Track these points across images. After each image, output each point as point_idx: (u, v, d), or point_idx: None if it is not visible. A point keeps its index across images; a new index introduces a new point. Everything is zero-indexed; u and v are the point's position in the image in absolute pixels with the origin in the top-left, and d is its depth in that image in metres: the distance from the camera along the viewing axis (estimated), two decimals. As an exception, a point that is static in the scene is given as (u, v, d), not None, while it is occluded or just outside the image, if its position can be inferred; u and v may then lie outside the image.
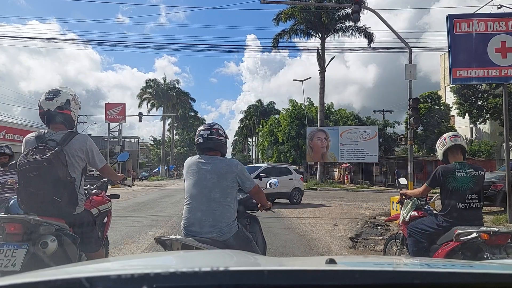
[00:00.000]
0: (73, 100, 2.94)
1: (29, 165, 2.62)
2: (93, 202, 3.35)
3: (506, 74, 9.29)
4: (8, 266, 2.43)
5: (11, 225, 2.56)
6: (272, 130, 38.27)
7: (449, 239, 3.21)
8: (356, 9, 12.66)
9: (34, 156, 2.64)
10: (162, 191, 23.33)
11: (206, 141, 2.85)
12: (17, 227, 2.55)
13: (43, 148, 2.70)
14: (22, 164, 2.65)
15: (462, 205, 3.33)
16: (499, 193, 10.66)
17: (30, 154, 2.67)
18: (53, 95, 2.88)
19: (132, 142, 59.67)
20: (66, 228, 2.72)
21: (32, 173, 2.61)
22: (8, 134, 28.63)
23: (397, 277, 0.85)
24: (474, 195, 3.34)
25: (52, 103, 2.85)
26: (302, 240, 7.48)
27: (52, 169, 2.63)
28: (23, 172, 2.64)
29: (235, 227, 2.79)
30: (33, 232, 2.55)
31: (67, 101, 2.89)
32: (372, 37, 28.57)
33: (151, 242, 6.59)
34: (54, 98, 2.86)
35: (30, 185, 2.64)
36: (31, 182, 2.63)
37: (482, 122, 29.03)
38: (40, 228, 2.56)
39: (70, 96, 2.94)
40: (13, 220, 2.58)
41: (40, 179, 2.62)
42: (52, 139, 2.82)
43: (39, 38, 57.76)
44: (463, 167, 3.41)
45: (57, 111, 2.85)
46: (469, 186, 3.34)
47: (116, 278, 0.79)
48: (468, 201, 3.33)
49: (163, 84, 52.50)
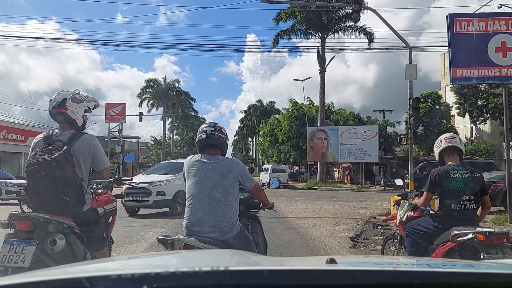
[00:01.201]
0: (70, 99, 2.97)
1: (37, 165, 2.69)
2: (99, 202, 3.38)
3: (507, 73, 9.29)
4: (18, 262, 2.48)
5: (22, 222, 2.62)
6: (273, 130, 38.28)
7: (446, 239, 3.22)
8: (356, 9, 12.65)
9: (42, 157, 2.70)
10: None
11: (209, 137, 2.86)
12: (27, 224, 2.61)
13: (51, 149, 2.77)
14: (31, 164, 2.71)
15: (457, 206, 3.33)
16: (499, 192, 10.66)
17: (38, 154, 2.74)
18: (54, 96, 3.00)
19: (133, 142, 59.64)
20: (74, 227, 2.78)
21: (40, 173, 2.68)
22: (8, 133, 28.65)
23: (397, 277, 0.85)
24: (470, 196, 3.34)
25: (51, 103, 2.97)
26: (302, 240, 7.48)
27: (60, 169, 2.68)
28: (32, 172, 2.71)
29: (237, 227, 2.79)
30: (42, 230, 2.61)
31: (63, 100, 2.95)
32: (373, 37, 28.59)
33: (152, 242, 6.59)
34: (53, 98, 2.98)
35: (39, 185, 2.70)
36: (39, 182, 2.69)
37: (483, 122, 29.01)
38: (49, 226, 2.62)
39: (67, 95, 2.99)
40: (23, 218, 2.64)
41: (48, 179, 2.68)
42: (59, 139, 2.89)
43: (39, 38, 57.95)
44: (458, 169, 3.40)
45: (54, 110, 2.95)
46: (464, 187, 3.33)
47: (116, 278, 0.79)
48: (463, 202, 3.32)
49: (163, 83, 52.45)
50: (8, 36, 28.93)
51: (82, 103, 3.05)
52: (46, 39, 35.25)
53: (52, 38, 58.09)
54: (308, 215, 11.58)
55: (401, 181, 4.80)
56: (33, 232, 2.60)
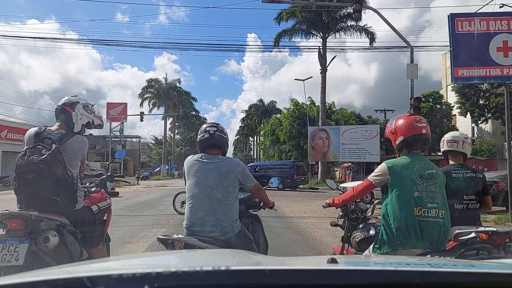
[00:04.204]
0: (81, 105, 3.05)
1: (26, 167, 2.66)
2: (92, 199, 3.38)
3: (508, 73, 9.27)
4: (11, 261, 2.47)
5: (13, 221, 2.61)
6: (274, 129, 38.27)
7: (448, 239, 3.22)
8: (358, 9, 12.64)
9: (31, 157, 2.67)
10: (163, 191, 23.34)
11: (211, 137, 2.87)
12: (18, 223, 2.60)
13: (40, 148, 2.74)
14: (20, 165, 2.69)
15: (460, 206, 3.34)
16: (501, 192, 10.64)
17: (27, 155, 2.70)
18: (72, 96, 3.10)
19: (134, 142, 59.79)
20: (67, 224, 2.76)
21: (29, 175, 2.65)
22: (10, 133, 28.71)
23: (398, 277, 0.85)
24: (472, 196, 3.35)
25: (64, 100, 3.05)
26: (303, 240, 7.48)
27: (49, 170, 2.66)
28: (21, 173, 2.68)
29: (238, 226, 2.79)
30: (34, 228, 2.60)
31: (76, 102, 3.04)
32: (374, 36, 28.53)
33: (153, 242, 6.60)
34: (69, 97, 3.06)
35: (28, 186, 2.68)
36: (29, 183, 2.67)
37: (484, 122, 28.96)
38: (41, 223, 2.61)
39: (82, 101, 3.08)
40: (14, 216, 2.62)
41: (38, 180, 2.66)
42: (49, 137, 2.86)
43: (39, 37, 58.03)
44: (459, 169, 3.42)
45: (62, 106, 3.00)
46: (467, 187, 3.35)
47: (117, 278, 0.79)
48: (466, 202, 3.35)
49: (165, 83, 52.51)
50: (8, 36, 28.92)
51: (90, 114, 3.11)
52: (46, 39, 35.33)
53: (52, 38, 58.17)
54: (309, 214, 11.57)
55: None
56: (25, 230, 2.59)
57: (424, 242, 2.39)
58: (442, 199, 2.49)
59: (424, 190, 2.44)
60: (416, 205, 2.41)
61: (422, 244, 2.39)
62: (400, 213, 2.43)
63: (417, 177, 2.46)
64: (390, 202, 2.49)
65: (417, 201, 2.41)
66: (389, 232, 2.46)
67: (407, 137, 2.60)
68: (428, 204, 2.42)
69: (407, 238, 2.40)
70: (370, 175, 2.73)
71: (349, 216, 3.43)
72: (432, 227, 2.41)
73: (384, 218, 2.52)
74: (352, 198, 2.94)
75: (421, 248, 2.39)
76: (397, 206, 2.44)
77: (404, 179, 2.47)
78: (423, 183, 2.45)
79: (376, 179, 2.62)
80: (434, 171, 2.54)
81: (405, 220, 2.40)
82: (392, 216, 2.45)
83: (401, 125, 2.66)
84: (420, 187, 2.44)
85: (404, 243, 2.40)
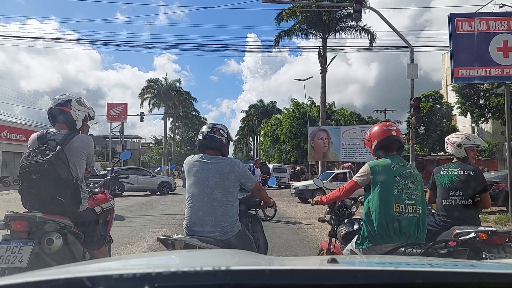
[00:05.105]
0: (75, 101, 3.04)
1: (30, 167, 2.67)
2: (96, 200, 3.38)
3: (508, 73, 9.27)
4: (15, 263, 2.47)
5: (17, 222, 2.61)
6: (274, 129, 38.27)
7: (447, 238, 3.23)
8: (358, 9, 12.63)
9: (36, 158, 2.68)
10: (163, 191, 23.31)
11: (205, 138, 2.88)
12: (23, 225, 2.60)
13: (44, 149, 2.74)
14: (24, 166, 2.69)
15: (447, 202, 3.43)
16: (501, 192, 10.64)
17: (31, 155, 2.71)
18: (58, 96, 3.05)
19: (134, 142, 59.76)
20: (71, 226, 2.76)
21: (34, 175, 2.66)
22: (10, 133, 28.71)
23: (399, 277, 0.85)
24: (459, 192, 3.41)
25: (55, 101, 2.99)
26: (303, 240, 7.48)
27: (54, 170, 2.67)
28: (25, 174, 2.69)
29: (238, 226, 2.79)
30: (38, 229, 2.59)
31: (69, 100, 3.01)
32: (374, 36, 28.48)
33: (153, 242, 6.60)
34: (57, 97, 3.02)
35: (33, 187, 2.69)
36: (33, 184, 2.67)
37: (484, 122, 28.94)
38: (45, 225, 2.61)
39: (73, 97, 3.06)
40: (19, 218, 2.63)
41: (42, 181, 2.66)
42: (52, 139, 2.86)
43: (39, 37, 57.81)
44: (450, 166, 3.57)
45: (57, 107, 2.97)
46: (452, 183, 3.45)
47: (118, 278, 0.79)
48: (453, 198, 3.42)
49: (165, 83, 52.46)
50: (8, 36, 28.88)
51: (84, 107, 3.11)
52: (46, 39, 35.25)
53: (52, 38, 57.84)
54: (309, 214, 11.57)
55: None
56: (29, 232, 2.59)
57: (402, 237, 2.58)
58: (420, 195, 2.70)
59: (403, 188, 2.64)
60: (395, 201, 2.60)
61: (400, 238, 2.59)
62: (380, 209, 2.61)
63: (397, 176, 2.67)
64: (372, 199, 2.68)
65: (396, 198, 2.61)
66: (371, 228, 2.65)
67: (381, 140, 2.88)
68: (405, 201, 2.61)
69: (387, 233, 2.58)
70: (354, 176, 2.92)
71: (335, 212, 3.58)
72: (409, 222, 2.59)
73: (366, 215, 2.70)
74: (338, 198, 3.17)
75: (399, 242, 2.58)
76: (378, 203, 2.63)
77: (385, 178, 2.67)
78: (402, 181, 2.66)
79: (360, 179, 2.82)
80: (412, 170, 2.78)
81: (385, 216, 2.59)
82: (374, 212, 2.63)
83: (374, 132, 2.95)
84: (400, 185, 2.65)
85: (384, 237, 2.59)
